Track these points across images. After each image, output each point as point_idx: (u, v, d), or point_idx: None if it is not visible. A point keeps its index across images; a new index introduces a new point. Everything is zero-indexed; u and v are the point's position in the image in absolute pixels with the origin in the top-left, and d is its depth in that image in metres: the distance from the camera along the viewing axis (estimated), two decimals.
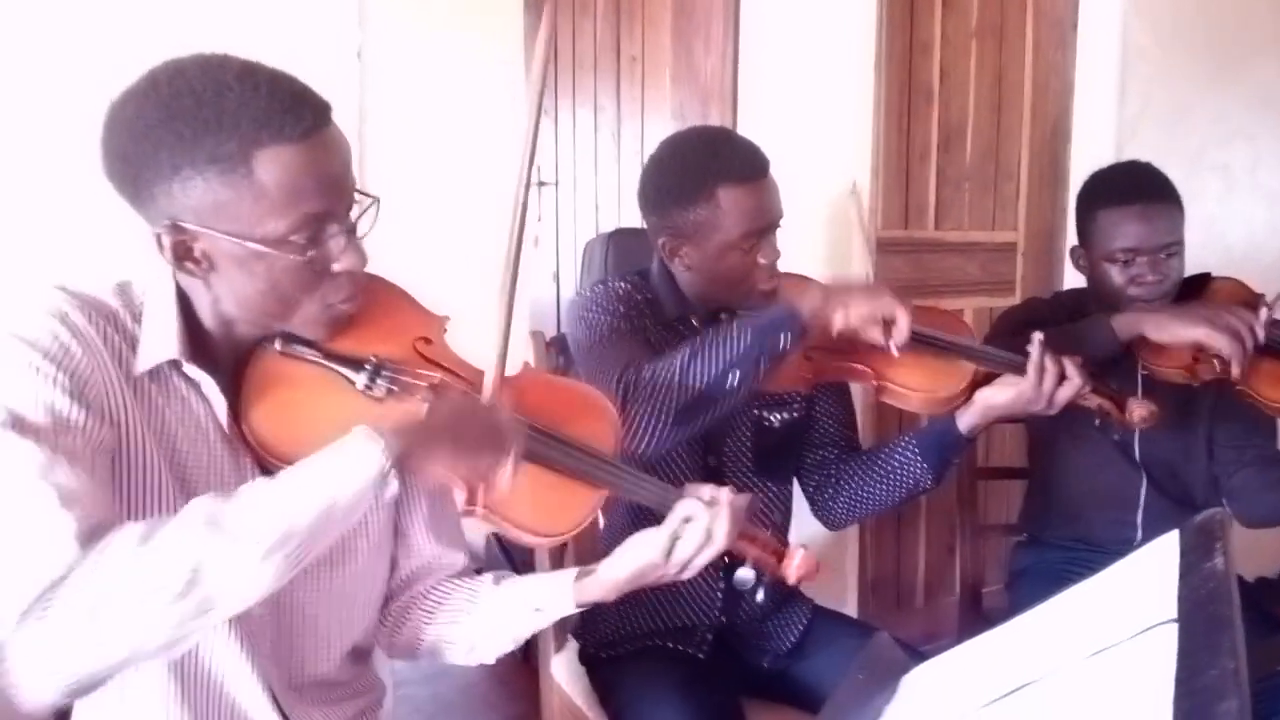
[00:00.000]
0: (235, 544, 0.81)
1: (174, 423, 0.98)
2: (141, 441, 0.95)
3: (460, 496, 1.03)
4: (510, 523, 1.06)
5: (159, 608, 0.79)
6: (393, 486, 0.90)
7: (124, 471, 0.94)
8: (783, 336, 1.36)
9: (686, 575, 1.14)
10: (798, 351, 1.42)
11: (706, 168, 1.46)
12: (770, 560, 1.20)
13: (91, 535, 0.81)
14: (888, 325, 1.39)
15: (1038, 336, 1.47)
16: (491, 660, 1.22)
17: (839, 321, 1.39)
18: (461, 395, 1.05)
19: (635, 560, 1.13)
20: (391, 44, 3.03)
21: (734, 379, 1.34)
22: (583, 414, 1.17)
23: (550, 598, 1.17)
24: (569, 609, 1.16)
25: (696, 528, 1.10)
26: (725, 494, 1.13)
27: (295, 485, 0.86)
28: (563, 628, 1.69)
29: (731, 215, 1.46)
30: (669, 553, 1.11)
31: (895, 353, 1.40)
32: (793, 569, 1.20)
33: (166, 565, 0.79)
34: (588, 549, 1.55)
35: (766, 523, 1.49)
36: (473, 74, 3.67)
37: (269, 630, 1.06)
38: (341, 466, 0.88)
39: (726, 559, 1.18)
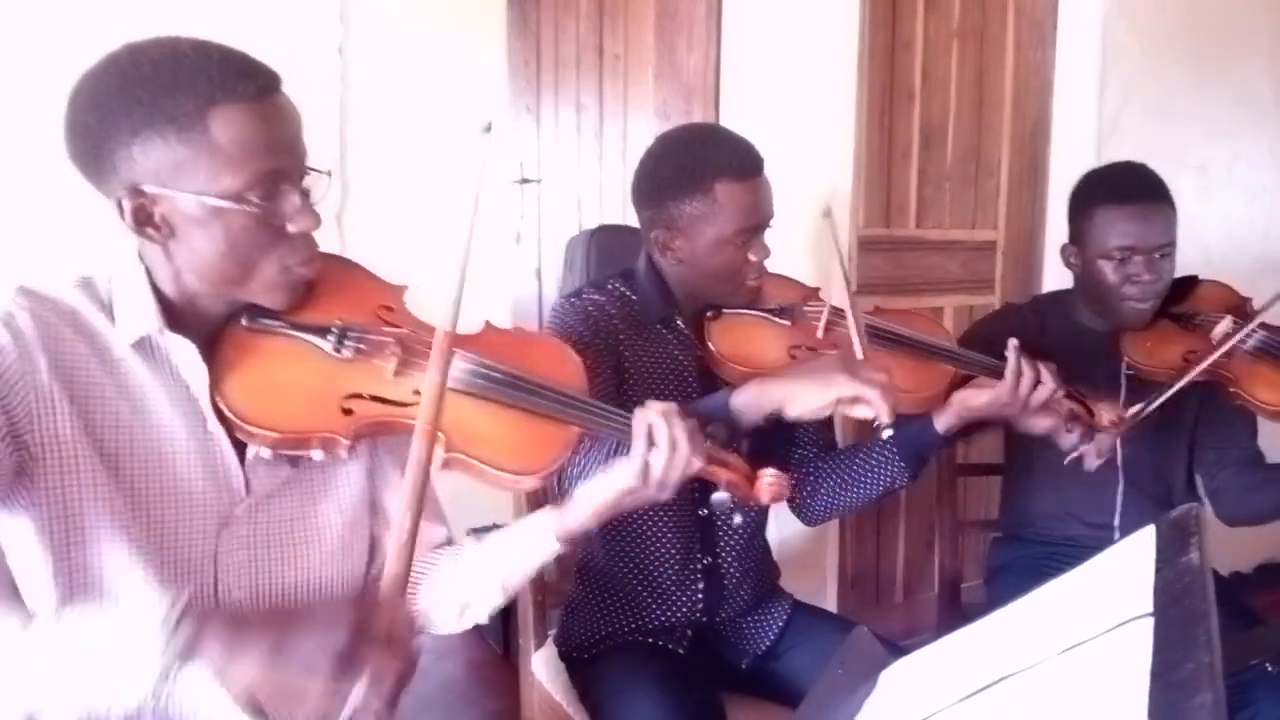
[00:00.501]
0: None
1: (129, 416, 0.99)
2: (76, 451, 0.96)
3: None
4: (486, 464, 1.08)
5: None
6: (153, 686, 0.79)
7: (58, 483, 0.95)
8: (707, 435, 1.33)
9: (665, 495, 1.16)
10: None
11: (705, 161, 1.47)
12: (742, 483, 1.23)
13: None
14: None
15: (1013, 343, 1.49)
16: (485, 618, 1.21)
17: (791, 414, 1.34)
18: (338, 603, 0.93)
19: (613, 485, 1.15)
20: (373, 40, 3.02)
21: (720, 424, 1.32)
22: (547, 359, 1.21)
23: (532, 536, 1.18)
24: (551, 545, 1.17)
25: (661, 439, 1.12)
26: (672, 406, 1.15)
27: (69, 655, 0.81)
28: (543, 625, 1.69)
29: (728, 210, 1.46)
30: (645, 473, 1.13)
31: (886, 434, 1.33)
32: (764, 489, 1.23)
33: None
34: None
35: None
36: (454, 70, 3.66)
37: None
38: (112, 661, 0.80)
39: (700, 492, 1.21)
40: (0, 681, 0.79)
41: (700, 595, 1.58)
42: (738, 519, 1.30)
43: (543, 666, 1.67)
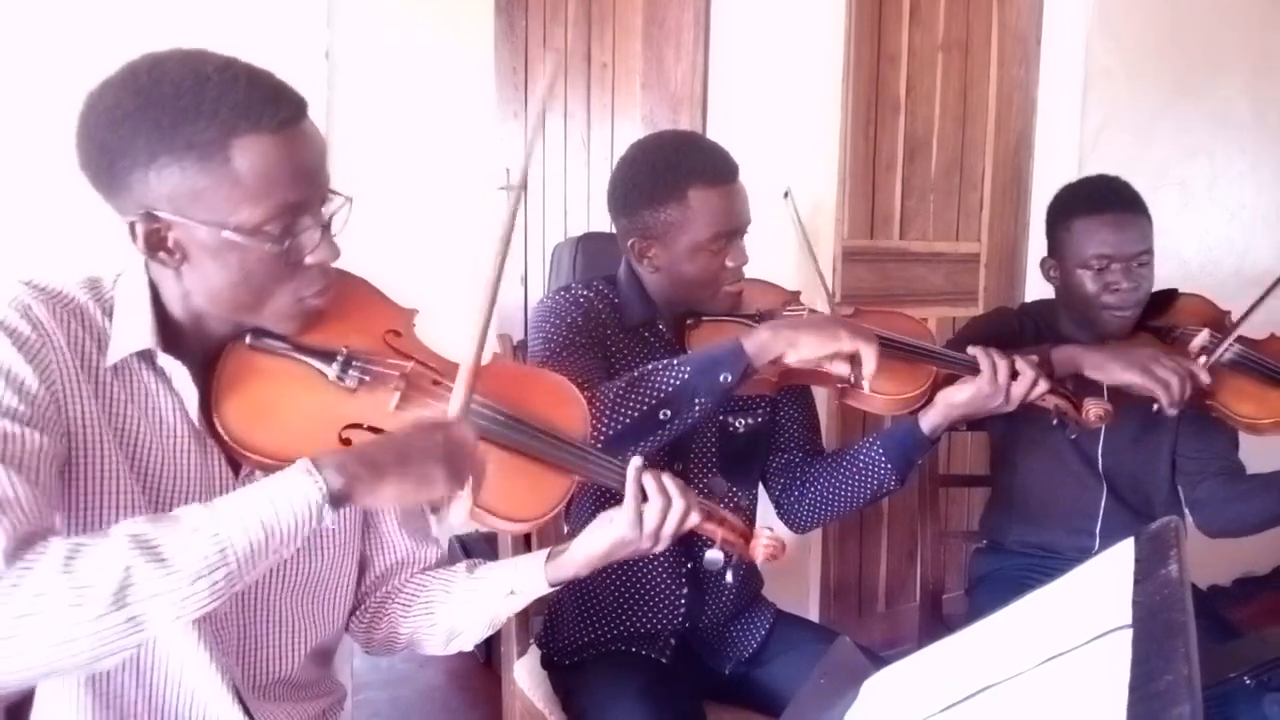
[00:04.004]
0: (163, 567, 0.79)
1: (137, 419, 0.97)
2: (99, 439, 0.94)
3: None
4: (482, 509, 1.07)
5: (79, 625, 0.77)
6: (328, 519, 0.87)
7: (81, 470, 0.93)
8: (723, 375, 1.34)
9: (660, 547, 1.16)
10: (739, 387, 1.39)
11: (678, 168, 1.47)
12: (737, 541, 1.23)
13: (19, 548, 0.79)
14: (853, 358, 1.37)
15: (970, 348, 1.51)
16: (470, 647, 1.22)
17: (791, 359, 1.38)
18: (418, 421, 1.00)
19: (607, 537, 1.15)
20: (360, 44, 3.01)
21: (667, 414, 1.33)
22: (552, 402, 1.19)
23: (524, 580, 1.18)
24: (543, 589, 1.18)
25: (653, 491, 1.14)
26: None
27: (232, 514, 0.84)
28: (525, 633, 1.69)
29: (701, 216, 1.46)
30: (639, 524, 1.13)
31: (866, 389, 1.39)
32: (759, 549, 1.23)
33: (91, 584, 0.77)
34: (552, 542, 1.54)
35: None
36: (442, 74, 3.66)
37: (233, 627, 1.06)
38: (279, 500, 0.85)
39: (696, 542, 1.21)
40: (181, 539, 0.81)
41: (683, 600, 1.57)
42: (729, 577, 1.28)
43: (525, 675, 1.66)
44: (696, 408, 1.35)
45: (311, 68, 1.79)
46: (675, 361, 1.37)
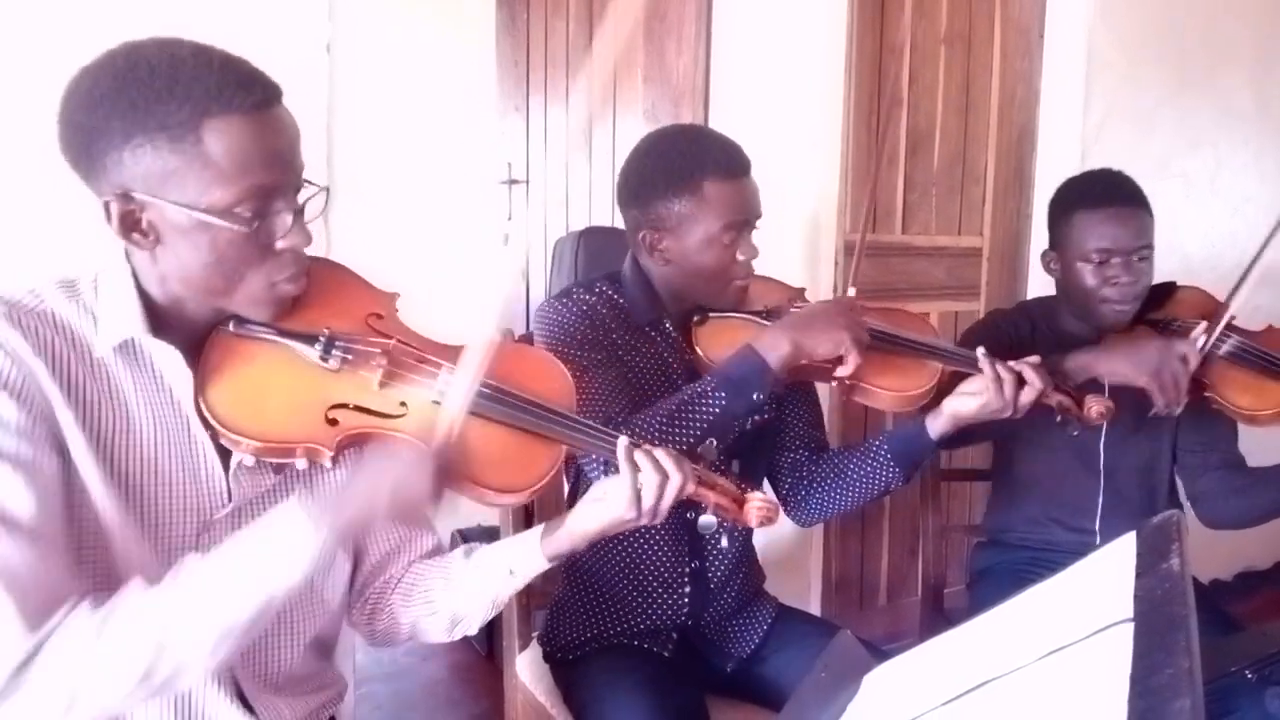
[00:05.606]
0: (184, 642, 0.89)
1: (111, 417, 0.98)
2: (77, 447, 0.95)
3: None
4: (472, 481, 1.07)
5: (122, 690, 0.88)
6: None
7: (66, 480, 0.95)
8: (755, 394, 1.39)
9: (658, 521, 1.16)
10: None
11: (694, 160, 1.48)
12: (731, 506, 1.21)
13: (37, 614, 0.86)
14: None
15: (980, 351, 1.51)
16: (475, 630, 1.23)
17: (805, 361, 1.45)
18: (391, 454, 1.03)
19: (601, 516, 1.15)
20: (362, 38, 3.01)
21: (712, 441, 1.34)
22: (536, 374, 1.20)
23: (521, 557, 1.18)
24: (541, 565, 1.18)
25: (647, 465, 1.12)
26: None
27: (233, 583, 0.92)
28: (527, 627, 1.69)
29: (716, 207, 1.47)
30: (636, 502, 1.12)
31: (845, 377, 1.46)
32: (752, 512, 1.21)
33: (123, 659, 0.88)
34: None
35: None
36: (443, 68, 3.65)
37: None
38: (277, 563, 0.93)
39: (690, 510, 1.20)
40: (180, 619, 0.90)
41: (686, 598, 1.58)
42: (724, 541, 1.33)
43: (526, 668, 1.66)
44: (736, 428, 1.39)
45: (313, 61, 1.79)
46: (709, 389, 1.39)
